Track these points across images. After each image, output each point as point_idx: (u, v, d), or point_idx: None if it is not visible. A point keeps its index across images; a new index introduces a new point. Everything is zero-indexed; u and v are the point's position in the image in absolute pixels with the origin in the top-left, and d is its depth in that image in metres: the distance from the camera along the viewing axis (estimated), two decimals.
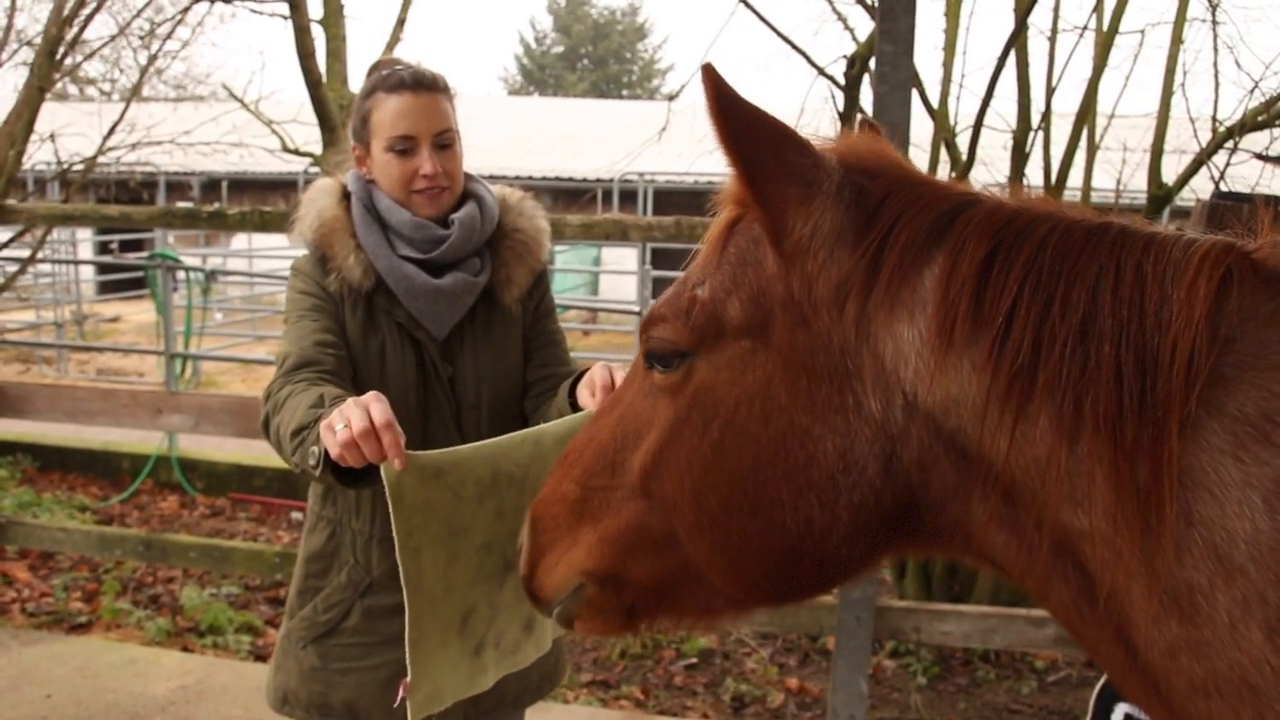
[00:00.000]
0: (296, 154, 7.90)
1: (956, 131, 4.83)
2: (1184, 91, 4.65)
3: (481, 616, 1.82)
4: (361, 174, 2.11)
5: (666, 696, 4.41)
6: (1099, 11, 4.62)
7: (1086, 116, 4.73)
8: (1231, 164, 4.46)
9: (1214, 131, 4.50)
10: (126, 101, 7.18)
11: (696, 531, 1.14)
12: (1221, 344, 0.86)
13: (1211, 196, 2.77)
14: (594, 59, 48.23)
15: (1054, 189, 4.64)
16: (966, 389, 0.96)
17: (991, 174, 4.97)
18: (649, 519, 1.19)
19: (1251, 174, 4.55)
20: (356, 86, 3.41)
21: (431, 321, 2.06)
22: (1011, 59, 4.54)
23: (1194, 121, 4.69)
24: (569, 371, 2.14)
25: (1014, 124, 4.69)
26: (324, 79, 7.02)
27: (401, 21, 7.68)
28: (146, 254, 13.42)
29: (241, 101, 8.22)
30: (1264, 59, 5.15)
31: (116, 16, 7.82)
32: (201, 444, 7.94)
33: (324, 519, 2.10)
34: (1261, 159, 4.34)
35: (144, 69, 7.99)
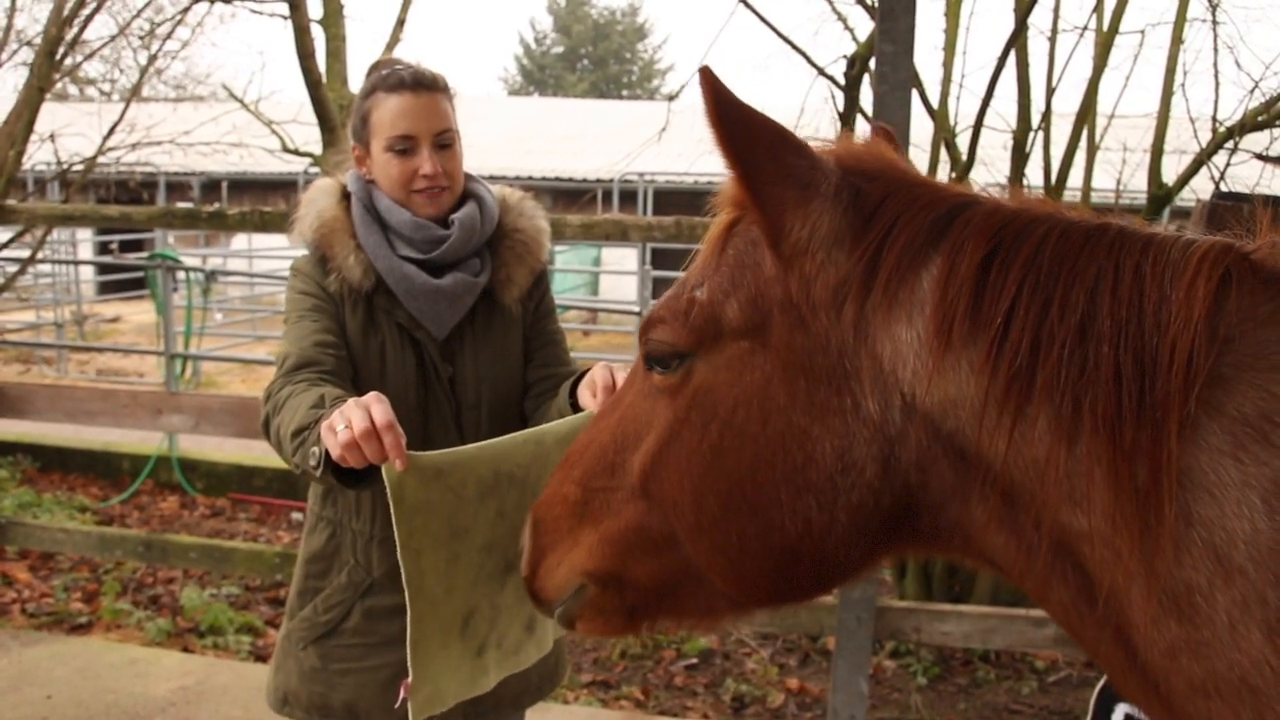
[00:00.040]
0: (296, 154, 7.91)
1: (956, 131, 4.82)
2: (1184, 91, 4.65)
3: (483, 617, 1.82)
4: (361, 174, 2.11)
5: (667, 697, 4.41)
6: (1099, 12, 4.62)
7: (1086, 117, 4.73)
8: (1231, 164, 4.46)
9: (1214, 132, 4.50)
10: (126, 102, 7.18)
11: (696, 532, 1.14)
12: (1220, 344, 0.86)
13: (1211, 197, 2.78)
14: (594, 59, 48.21)
15: (1054, 189, 4.64)
16: (965, 390, 0.96)
17: (991, 174, 4.96)
18: (649, 520, 1.19)
19: (1251, 174, 4.54)
20: (356, 86, 3.41)
21: (431, 322, 2.06)
22: (1011, 59, 4.54)
23: (1194, 121, 4.69)
24: (569, 372, 2.15)
25: (1014, 124, 4.68)
26: (324, 79, 7.02)
27: (401, 21, 7.68)
28: (146, 254, 13.43)
29: (241, 102, 8.22)
30: (1264, 59, 5.14)
31: (116, 17, 7.84)
32: (201, 444, 7.94)
33: (324, 520, 2.10)
34: (1261, 159, 4.33)
35: (144, 69, 8.00)
